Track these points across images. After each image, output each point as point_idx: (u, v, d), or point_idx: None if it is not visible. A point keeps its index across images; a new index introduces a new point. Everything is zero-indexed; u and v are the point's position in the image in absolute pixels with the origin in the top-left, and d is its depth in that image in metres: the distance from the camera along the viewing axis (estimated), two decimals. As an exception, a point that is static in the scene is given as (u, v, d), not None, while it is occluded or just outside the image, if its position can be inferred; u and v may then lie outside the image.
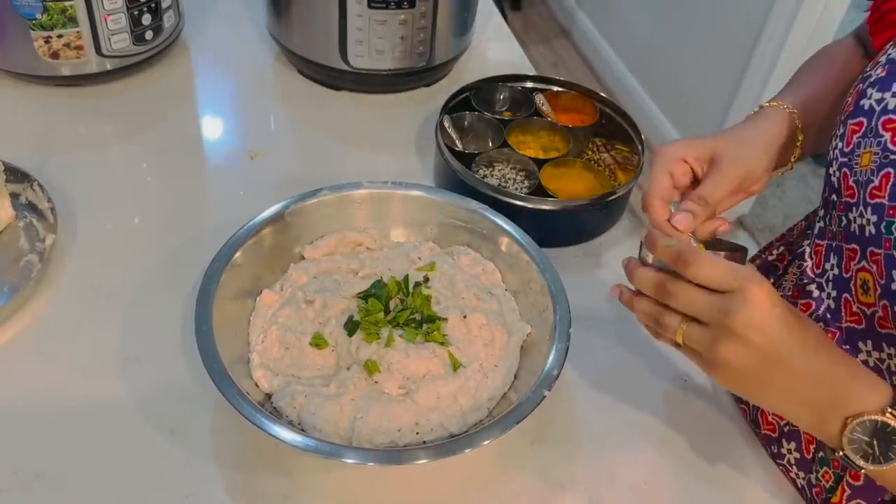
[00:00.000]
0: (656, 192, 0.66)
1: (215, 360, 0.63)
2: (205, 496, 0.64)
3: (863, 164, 0.60)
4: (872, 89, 0.61)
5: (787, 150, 0.73)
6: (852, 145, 0.62)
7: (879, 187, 0.58)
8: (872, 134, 0.60)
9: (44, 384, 0.70)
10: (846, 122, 0.63)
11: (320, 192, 0.78)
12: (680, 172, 0.68)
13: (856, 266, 0.63)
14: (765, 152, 0.69)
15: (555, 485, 0.67)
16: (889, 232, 0.57)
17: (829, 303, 0.67)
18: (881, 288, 0.59)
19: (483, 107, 0.96)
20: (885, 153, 0.58)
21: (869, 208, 0.59)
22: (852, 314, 0.64)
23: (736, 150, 0.68)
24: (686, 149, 0.68)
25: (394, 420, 0.63)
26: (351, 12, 0.96)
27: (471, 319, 0.70)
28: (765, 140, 0.70)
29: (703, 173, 0.68)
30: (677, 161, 0.68)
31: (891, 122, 0.58)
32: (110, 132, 1.00)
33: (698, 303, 0.55)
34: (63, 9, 0.92)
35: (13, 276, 0.77)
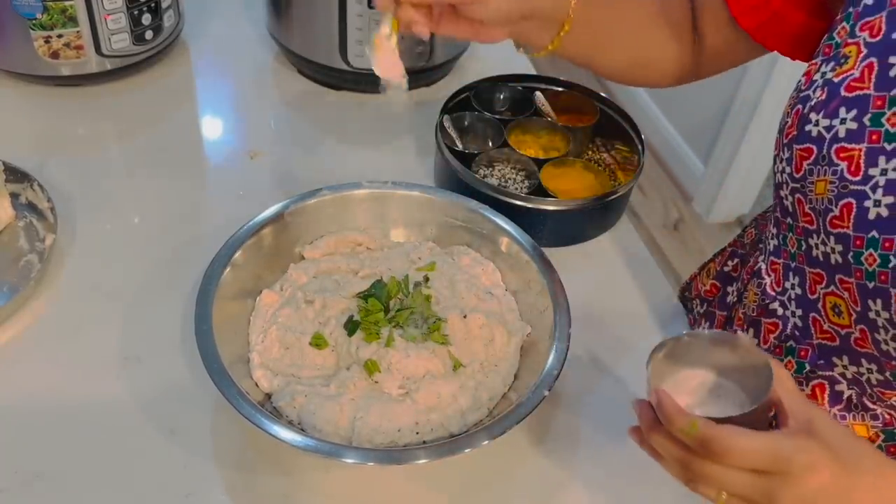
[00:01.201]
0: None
1: (215, 359, 0.63)
2: (205, 496, 0.64)
3: (818, 191, 0.58)
4: (816, 114, 0.58)
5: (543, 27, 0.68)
6: (803, 171, 0.60)
7: (841, 217, 0.57)
8: (825, 162, 0.58)
9: (44, 384, 0.70)
10: (791, 146, 0.61)
11: (320, 192, 0.78)
12: None
13: (823, 290, 0.62)
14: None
15: (555, 485, 0.67)
16: (858, 262, 0.56)
17: (796, 321, 0.65)
18: (857, 314, 0.58)
19: (483, 107, 0.96)
20: (842, 183, 0.56)
21: (832, 237, 0.58)
22: (823, 332, 0.63)
23: None
24: None
25: (394, 420, 0.63)
26: (351, 12, 0.96)
27: (471, 319, 0.69)
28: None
29: None
30: None
31: (844, 151, 0.56)
32: (110, 132, 1.00)
33: (738, 486, 0.49)
34: (63, 8, 0.92)
35: (13, 276, 0.77)
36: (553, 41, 0.69)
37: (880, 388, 0.60)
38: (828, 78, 0.59)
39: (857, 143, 0.56)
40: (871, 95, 0.56)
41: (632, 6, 0.74)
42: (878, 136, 0.55)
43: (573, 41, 0.70)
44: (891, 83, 0.55)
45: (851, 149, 0.56)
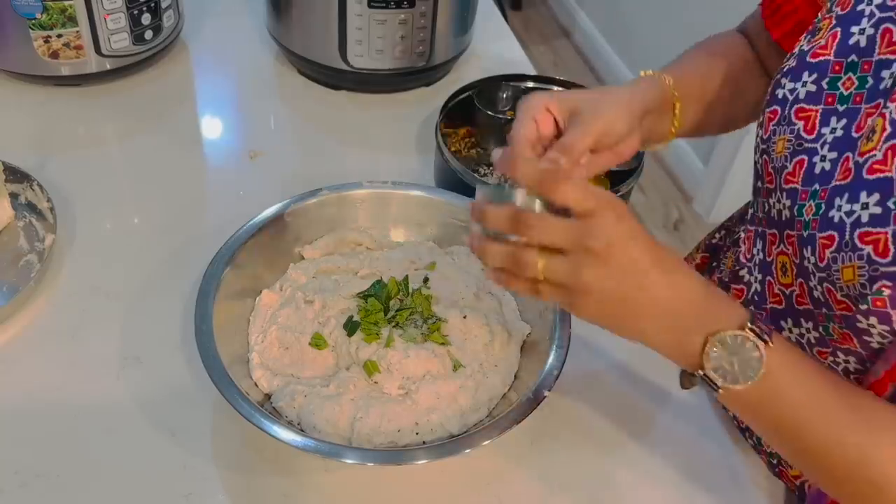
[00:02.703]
0: (521, 136, 0.65)
1: (215, 360, 0.63)
2: (204, 496, 0.64)
3: (778, 150, 0.62)
4: (785, 79, 0.63)
5: (661, 116, 0.72)
6: (769, 133, 0.63)
7: (793, 173, 0.60)
8: (786, 122, 0.61)
9: (44, 384, 0.70)
10: (764, 111, 0.64)
11: (320, 192, 0.78)
12: (543, 121, 0.66)
13: (776, 250, 0.65)
14: (626, 110, 0.67)
15: (555, 485, 0.67)
16: (801, 214, 0.59)
17: (756, 286, 0.68)
18: (797, 268, 0.61)
19: (484, 106, 0.96)
20: (798, 140, 0.60)
21: (784, 193, 0.61)
22: (774, 295, 0.66)
23: (596, 104, 0.66)
24: (550, 98, 0.66)
25: (393, 420, 0.63)
26: (351, 12, 0.96)
27: (471, 319, 0.69)
28: (629, 99, 0.68)
29: (565, 126, 0.66)
30: (541, 110, 0.66)
31: (802, 111, 0.60)
32: (110, 132, 1.00)
33: (558, 230, 0.53)
34: (63, 8, 0.92)
35: (13, 276, 0.77)
36: (673, 124, 0.73)
37: (819, 346, 0.62)
38: (802, 48, 0.63)
39: (814, 104, 0.60)
40: (830, 61, 0.60)
41: (712, 66, 0.78)
42: (833, 98, 0.59)
43: (686, 118, 0.74)
44: (849, 50, 0.59)
45: (809, 109, 0.60)
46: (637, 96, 0.69)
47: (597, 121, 0.65)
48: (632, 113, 0.67)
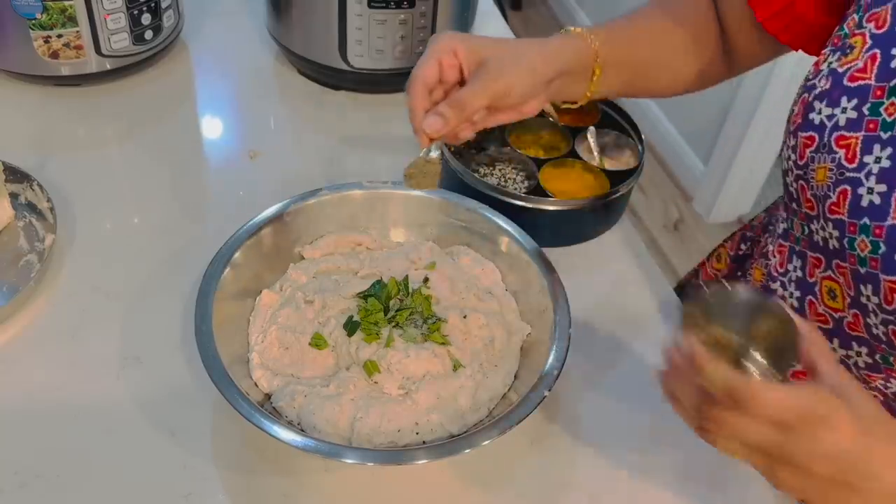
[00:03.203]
0: (420, 76, 0.65)
1: (215, 360, 0.63)
2: (204, 496, 0.64)
3: (818, 178, 0.60)
4: (820, 103, 0.60)
5: (575, 79, 0.71)
6: (806, 159, 0.61)
7: (837, 203, 0.58)
8: (826, 150, 0.59)
9: (44, 384, 0.70)
10: (797, 133, 0.62)
11: (320, 192, 0.78)
12: (448, 64, 0.65)
13: (821, 274, 0.63)
14: (532, 73, 0.66)
15: (555, 485, 0.67)
16: (852, 248, 0.57)
17: (793, 302, 0.67)
18: (850, 299, 0.60)
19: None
20: (839, 170, 0.58)
21: (830, 223, 0.60)
22: (818, 315, 0.65)
23: (502, 62, 0.65)
24: (460, 42, 0.65)
25: (393, 420, 0.63)
26: (351, 12, 0.96)
27: (471, 320, 0.69)
28: (539, 61, 0.67)
29: (469, 75, 0.66)
30: (448, 52, 0.65)
31: (843, 139, 0.58)
32: (110, 132, 1.00)
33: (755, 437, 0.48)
34: (63, 8, 0.92)
35: (13, 276, 0.77)
36: (589, 89, 0.72)
37: (867, 370, 0.62)
38: (833, 67, 0.60)
39: (855, 131, 0.57)
40: (871, 86, 0.57)
41: (651, 31, 0.76)
42: (875, 125, 0.56)
43: (607, 82, 0.73)
44: (891, 73, 0.56)
45: (849, 137, 0.57)
46: (549, 58, 0.68)
47: (497, 81, 0.64)
48: (537, 76, 0.66)
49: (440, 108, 0.63)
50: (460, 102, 0.63)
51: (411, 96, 0.65)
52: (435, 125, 0.63)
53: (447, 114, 0.63)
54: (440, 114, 0.63)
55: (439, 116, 0.63)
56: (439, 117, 0.63)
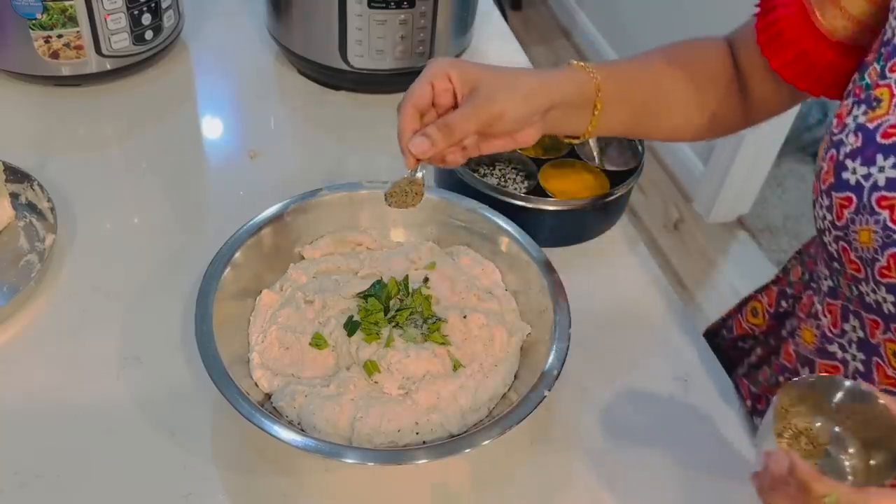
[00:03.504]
0: (411, 98, 0.63)
1: (215, 360, 0.63)
2: (204, 496, 0.64)
3: (862, 240, 0.57)
4: (853, 162, 0.57)
5: (574, 113, 0.69)
6: (845, 220, 0.58)
7: (888, 267, 0.55)
8: (867, 211, 0.56)
9: (44, 384, 0.70)
10: (830, 193, 0.59)
11: (320, 192, 0.78)
12: (441, 88, 0.64)
13: (882, 336, 0.60)
14: (526, 101, 0.64)
15: (555, 485, 0.67)
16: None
17: (858, 365, 0.64)
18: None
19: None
20: (886, 232, 0.55)
21: (882, 287, 0.57)
22: (886, 377, 0.61)
23: (496, 87, 0.64)
24: (454, 67, 0.64)
25: (394, 420, 0.63)
26: (351, 12, 0.96)
27: (471, 319, 0.69)
28: (534, 90, 0.65)
29: (462, 99, 0.64)
30: (442, 75, 0.64)
31: (885, 200, 0.55)
32: (110, 132, 1.00)
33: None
34: (63, 8, 0.92)
35: (13, 276, 0.77)
36: (591, 123, 0.70)
37: None
38: (860, 122, 0.58)
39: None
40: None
41: (656, 73, 0.73)
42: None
43: (611, 120, 0.71)
44: None
45: (892, 197, 0.55)
46: (547, 87, 0.66)
47: (489, 107, 0.63)
48: (532, 104, 0.65)
49: (428, 129, 0.62)
50: (448, 125, 0.62)
51: (401, 117, 0.64)
52: (421, 146, 0.62)
53: (434, 136, 0.62)
54: (427, 135, 0.62)
55: (426, 138, 0.62)
56: (426, 138, 0.62)
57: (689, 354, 0.78)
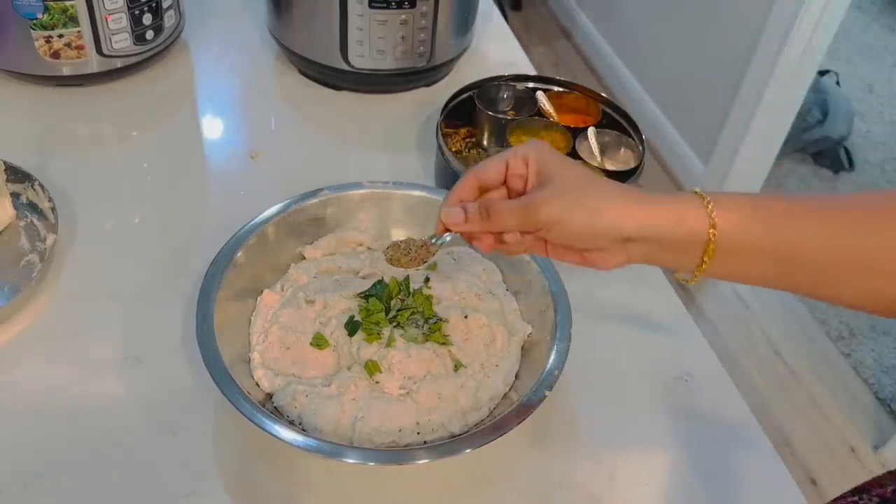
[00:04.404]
0: (477, 168, 0.59)
1: (216, 359, 0.63)
2: (205, 496, 0.64)
3: None
4: None
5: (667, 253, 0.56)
6: None
7: None
8: None
9: (44, 384, 0.70)
10: None
11: (320, 192, 0.78)
12: (514, 172, 0.59)
13: None
14: (586, 220, 0.54)
15: (555, 485, 0.67)
16: None
17: None
18: None
19: (485, 107, 0.96)
20: None
21: None
22: None
23: (559, 192, 0.55)
24: (536, 153, 0.58)
25: (395, 420, 0.63)
26: (352, 12, 0.96)
27: (472, 319, 0.70)
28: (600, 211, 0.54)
29: (529, 190, 0.58)
30: (520, 158, 0.59)
31: None
32: (111, 132, 1.00)
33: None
34: (64, 8, 0.92)
35: (14, 276, 0.77)
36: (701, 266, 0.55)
37: None
38: None
39: None
40: None
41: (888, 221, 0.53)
42: None
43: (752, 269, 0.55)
44: None
45: None
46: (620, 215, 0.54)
47: (536, 211, 0.55)
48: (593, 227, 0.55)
49: (471, 204, 0.58)
50: (488, 210, 0.57)
51: (457, 183, 0.60)
52: (453, 217, 0.58)
53: (472, 213, 0.57)
54: (465, 210, 0.57)
55: (463, 212, 0.57)
56: (462, 212, 0.57)
57: (690, 354, 0.78)
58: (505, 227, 0.57)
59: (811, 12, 1.95)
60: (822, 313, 2.15)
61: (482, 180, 0.59)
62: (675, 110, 2.53)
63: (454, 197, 0.60)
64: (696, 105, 2.42)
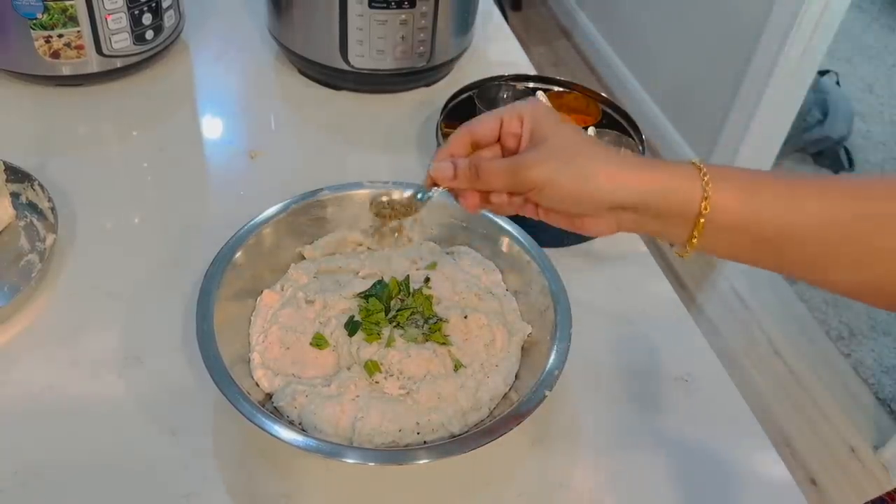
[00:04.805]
0: (470, 124, 0.58)
1: (216, 359, 0.63)
2: (205, 496, 0.64)
3: None
4: None
5: (657, 223, 0.55)
6: None
7: None
8: None
9: (44, 384, 0.70)
10: None
11: (320, 192, 0.78)
12: (509, 130, 0.57)
13: None
14: (576, 185, 0.53)
15: (555, 485, 0.67)
16: None
17: None
18: None
19: (485, 107, 0.96)
20: None
21: None
22: None
23: (551, 155, 0.54)
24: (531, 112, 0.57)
25: (395, 420, 0.63)
26: (352, 12, 0.96)
27: (472, 319, 0.70)
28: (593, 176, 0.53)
29: (522, 149, 0.57)
30: (515, 116, 0.57)
31: None
32: (110, 132, 1.00)
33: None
34: (63, 8, 0.92)
35: (13, 276, 0.77)
36: (689, 244, 0.54)
37: None
38: None
39: None
40: None
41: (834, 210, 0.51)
42: None
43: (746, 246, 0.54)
44: None
45: None
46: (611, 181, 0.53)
47: (526, 173, 0.54)
48: (583, 193, 0.54)
49: (461, 160, 0.57)
50: (477, 169, 0.56)
51: (450, 138, 0.59)
52: (442, 172, 0.58)
53: (461, 170, 0.56)
54: (455, 165, 0.57)
55: (452, 166, 0.57)
56: (451, 167, 0.57)
57: (690, 355, 0.78)
58: (494, 186, 0.57)
59: (811, 12, 1.95)
60: (822, 313, 2.15)
61: (475, 136, 0.59)
62: (675, 110, 2.53)
63: (445, 152, 0.59)
64: (696, 105, 2.41)
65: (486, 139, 0.59)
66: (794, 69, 2.03)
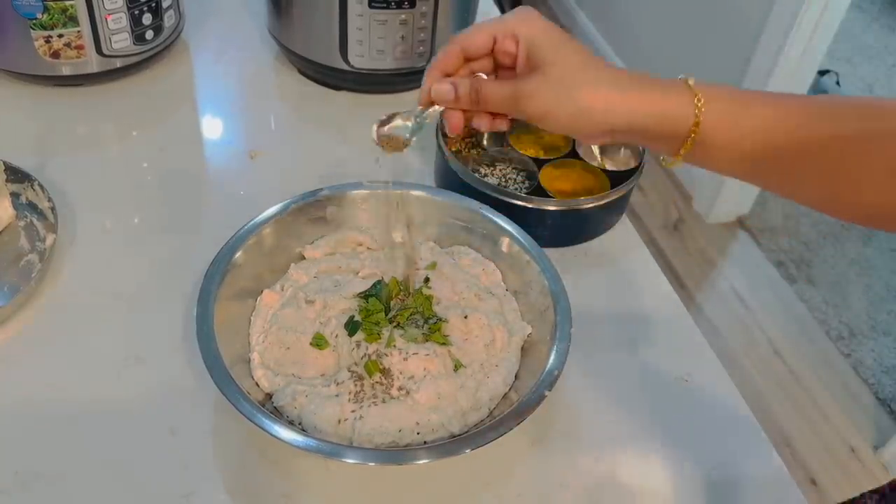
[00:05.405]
0: (462, 39, 0.57)
1: (216, 359, 0.63)
2: (205, 496, 0.64)
3: None
4: None
5: (650, 143, 0.58)
6: None
7: None
8: None
9: (44, 384, 0.70)
10: None
11: (320, 191, 0.78)
12: (502, 48, 0.57)
13: None
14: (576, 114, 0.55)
15: (555, 485, 0.67)
16: None
17: None
18: None
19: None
20: None
21: None
22: None
23: (552, 84, 0.54)
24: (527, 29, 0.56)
25: (394, 420, 0.63)
26: (351, 12, 0.96)
27: (471, 319, 0.70)
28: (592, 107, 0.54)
29: (519, 72, 0.56)
30: (509, 35, 0.57)
31: None
32: (110, 132, 1.00)
33: None
34: (63, 8, 0.92)
35: (13, 276, 0.77)
36: (680, 152, 0.56)
37: None
38: None
39: None
40: None
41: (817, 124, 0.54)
42: None
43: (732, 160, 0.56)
44: None
45: None
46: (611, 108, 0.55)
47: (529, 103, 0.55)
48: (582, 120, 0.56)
49: (461, 81, 0.56)
50: (479, 93, 0.56)
51: (441, 53, 0.57)
52: (444, 94, 0.57)
53: (462, 92, 0.56)
54: (455, 86, 0.56)
55: (453, 87, 0.56)
56: (453, 88, 0.56)
57: (690, 354, 0.78)
58: (492, 109, 0.59)
59: (811, 12, 1.95)
60: (822, 313, 2.15)
61: (468, 52, 0.59)
62: (674, 110, 2.53)
63: (435, 70, 0.59)
64: (696, 105, 2.41)
65: (478, 53, 0.59)
66: (794, 69, 2.03)
